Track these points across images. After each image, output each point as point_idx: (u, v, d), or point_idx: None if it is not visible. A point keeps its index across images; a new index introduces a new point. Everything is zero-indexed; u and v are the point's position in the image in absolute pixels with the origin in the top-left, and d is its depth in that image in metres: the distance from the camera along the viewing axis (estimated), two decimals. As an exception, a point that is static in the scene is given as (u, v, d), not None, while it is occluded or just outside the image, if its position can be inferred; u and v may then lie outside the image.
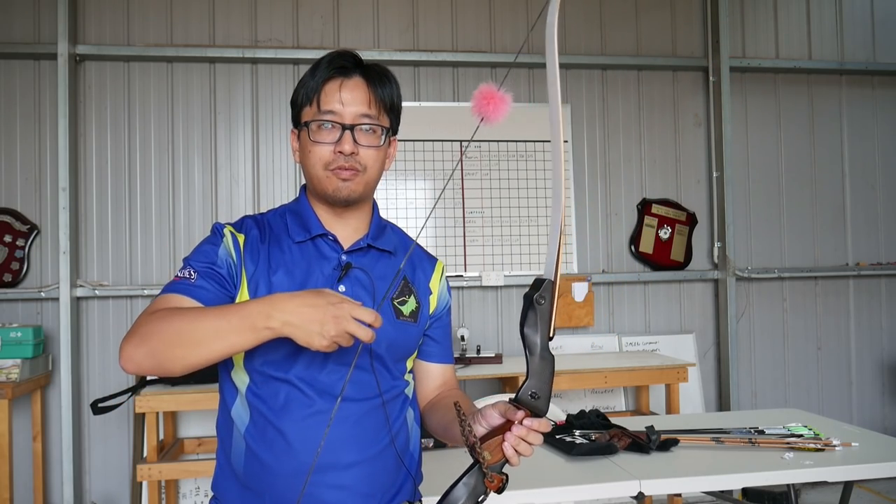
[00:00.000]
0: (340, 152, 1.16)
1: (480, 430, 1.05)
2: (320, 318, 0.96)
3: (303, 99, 1.20)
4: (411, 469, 1.24)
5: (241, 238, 1.19)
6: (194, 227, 3.49)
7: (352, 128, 1.16)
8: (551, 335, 0.98)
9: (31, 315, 3.34)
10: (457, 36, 3.75)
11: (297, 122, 1.23)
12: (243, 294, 1.15)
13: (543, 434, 1.01)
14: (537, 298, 0.97)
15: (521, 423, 0.99)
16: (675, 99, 3.96)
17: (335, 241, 1.22)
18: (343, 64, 1.19)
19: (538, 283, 0.99)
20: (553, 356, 0.99)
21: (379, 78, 1.21)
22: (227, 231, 1.20)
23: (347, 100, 1.17)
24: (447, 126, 3.65)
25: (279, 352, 1.13)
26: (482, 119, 1.00)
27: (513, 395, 1.01)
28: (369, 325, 0.98)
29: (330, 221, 1.23)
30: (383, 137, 1.20)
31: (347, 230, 1.23)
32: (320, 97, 1.17)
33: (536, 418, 0.99)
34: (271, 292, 1.13)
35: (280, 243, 1.20)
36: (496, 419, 1.04)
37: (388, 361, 1.20)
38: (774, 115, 4.06)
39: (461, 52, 3.71)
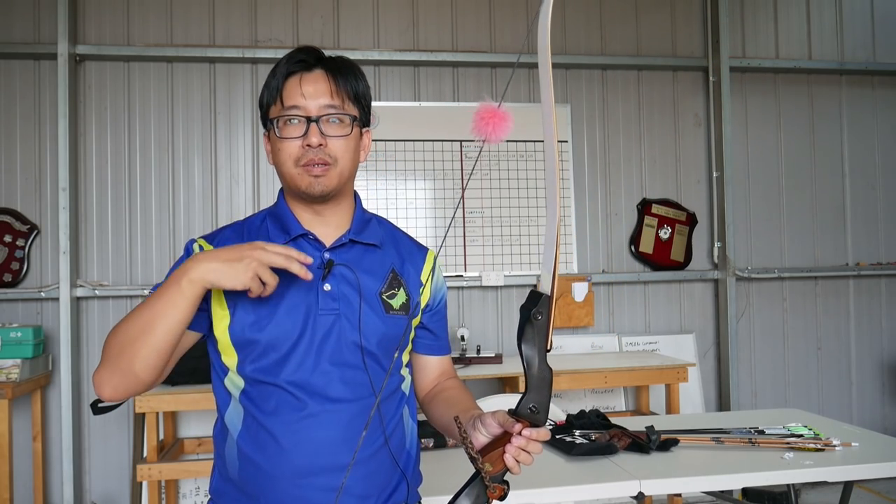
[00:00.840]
0: (308, 145, 1.13)
1: (480, 437, 1.05)
2: (237, 255, 1.02)
3: (268, 99, 1.18)
4: (408, 468, 1.23)
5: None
6: (194, 227, 3.49)
7: (317, 120, 1.14)
8: (549, 348, 0.99)
9: (31, 315, 3.34)
10: (457, 36, 3.75)
11: (265, 122, 1.21)
12: (222, 304, 1.14)
13: (543, 442, 1.02)
14: (535, 314, 0.98)
15: (520, 434, 1.00)
16: (675, 99, 3.96)
17: (316, 239, 1.19)
18: (302, 58, 1.17)
19: (535, 296, 0.99)
20: (551, 369, 1.00)
21: (340, 69, 1.18)
22: (195, 247, 1.19)
23: (310, 92, 1.15)
24: (447, 126, 3.65)
25: (269, 357, 1.12)
26: (484, 140, 0.98)
27: (512, 408, 1.02)
28: (302, 263, 1.05)
29: (310, 221, 1.21)
30: (351, 126, 1.18)
31: (329, 228, 1.21)
32: (283, 94, 1.16)
33: (535, 428, 1.01)
34: (256, 303, 1.12)
35: None
36: (495, 428, 1.04)
37: (381, 357, 1.18)
38: (774, 115, 4.06)
39: (461, 52, 3.71)
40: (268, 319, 1.12)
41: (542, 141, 4.09)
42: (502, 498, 1.01)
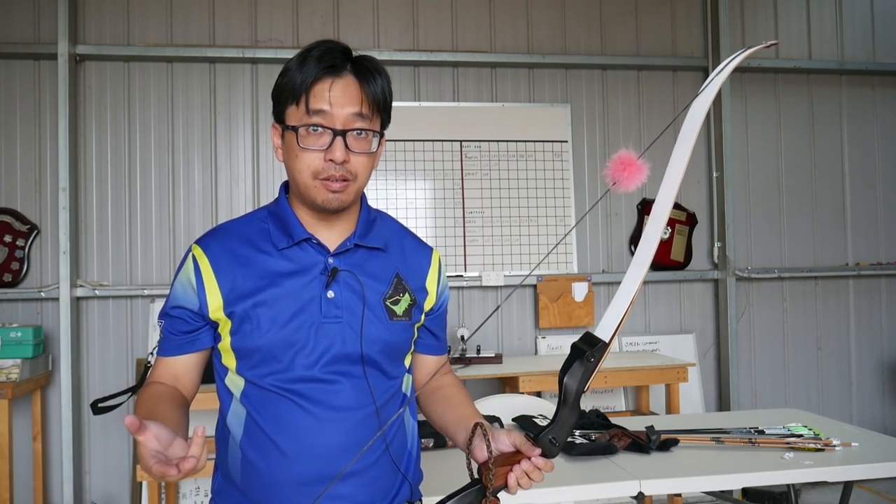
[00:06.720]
0: (331, 160, 1.08)
1: (481, 450, 1.07)
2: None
3: (287, 97, 1.11)
4: (409, 470, 1.23)
5: (204, 261, 1.14)
6: (194, 227, 3.49)
7: (343, 133, 1.08)
8: (586, 390, 1.02)
9: (31, 315, 3.34)
10: (457, 36, 3.74)
11: (280, 118, 1.14)
12: (217, 310, 1.12)
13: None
14: (588, 356, 1.00)
15: (530, 459, 1.03)
16: (675, 99, 3.96)
17: (319, 244, 1.15)
18: (333, 62, 1.09)
19: (591, 339, 1.01)
20: (581, 411, 1.06)
21: (370, 73, 1.12)
22: (188, 259, 1.15)
23: (338, 100, 1.08)
24: (447, 126, 3.65)
25: (270, 365, 1.11)
26: (614, 183, 1.00)
27: (530, 433, 1.05)
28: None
29: (314, 225, 1.16)
30: (375, 143, 1.13)
31: (333, 233, 1.17)
32: (309, 98, 1.08)
33: (545, 458, 1.04)
34: (258, 310, 1.10)
35: (263, 252, 1.15)
36: (507, 447, 1.06)
37: (384, 364, 1.17)
38: (774, 115, 4.06)
39: (461, 52, 3.71)
40: (269, 326, 1.10)
41: (542, 141, 4.06)
42: None
